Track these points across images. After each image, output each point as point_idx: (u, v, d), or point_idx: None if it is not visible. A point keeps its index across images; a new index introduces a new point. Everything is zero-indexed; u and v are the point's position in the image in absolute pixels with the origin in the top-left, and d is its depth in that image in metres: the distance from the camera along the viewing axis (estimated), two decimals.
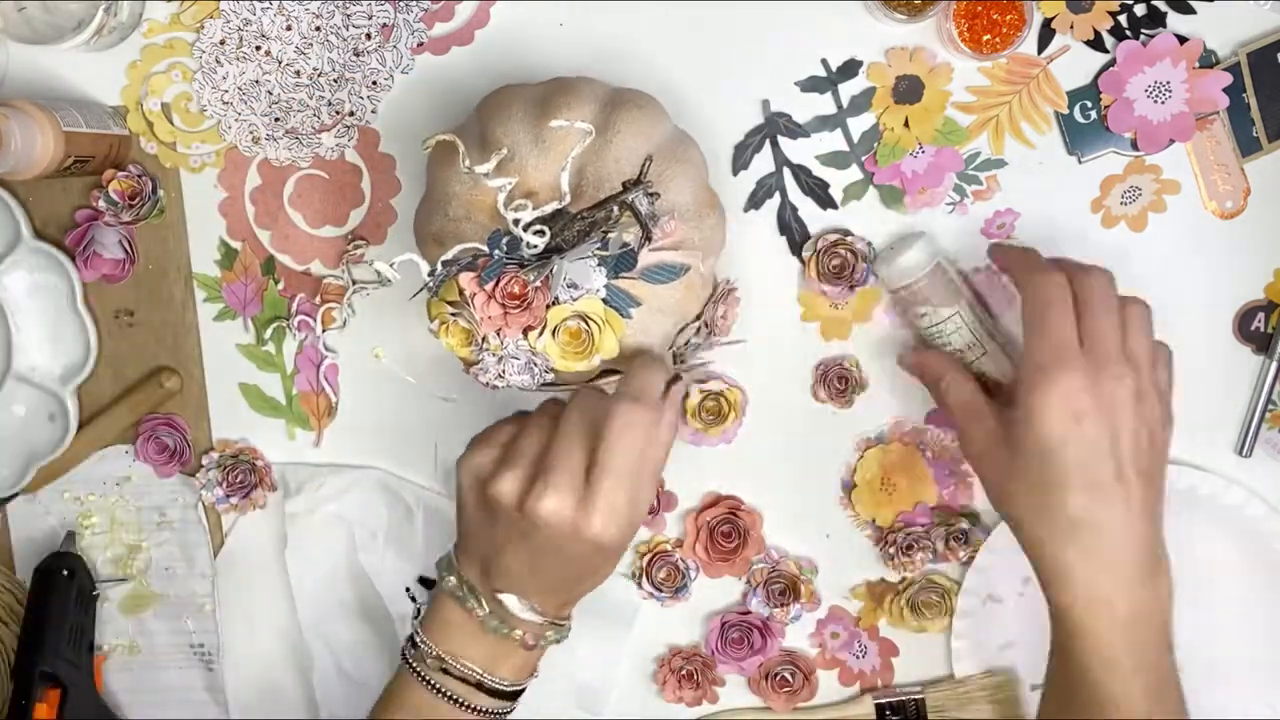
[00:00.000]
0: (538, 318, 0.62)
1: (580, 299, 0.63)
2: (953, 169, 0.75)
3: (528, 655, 0.65)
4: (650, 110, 0.66)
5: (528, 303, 0.62)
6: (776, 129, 0.75)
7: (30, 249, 0.75)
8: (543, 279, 0.62)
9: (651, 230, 0.63)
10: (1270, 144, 0.75)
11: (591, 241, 0.63)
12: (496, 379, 0.65)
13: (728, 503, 0.79)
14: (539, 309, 0.62)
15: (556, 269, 0.62)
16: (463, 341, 0.65)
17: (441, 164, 0.66)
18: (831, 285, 0.75)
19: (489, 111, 0.66)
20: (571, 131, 0.63)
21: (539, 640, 0.65)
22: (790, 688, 0.80)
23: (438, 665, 0.65)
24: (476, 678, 0.64)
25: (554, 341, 0.63)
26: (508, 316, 0.62)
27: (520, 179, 0.64)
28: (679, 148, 0.67)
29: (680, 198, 0.65)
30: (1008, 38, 0.72)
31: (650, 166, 0.64)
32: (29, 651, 0.76)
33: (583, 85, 0.66)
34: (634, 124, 0.65)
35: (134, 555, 0.81)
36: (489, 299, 0.62)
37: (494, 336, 0.63)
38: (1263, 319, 0.77)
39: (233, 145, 0.76)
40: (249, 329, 0.79)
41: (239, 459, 0.79)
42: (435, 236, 0.66)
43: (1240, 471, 0.78)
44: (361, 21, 0.74)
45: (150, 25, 0.75)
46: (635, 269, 0.63)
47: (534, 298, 0.62)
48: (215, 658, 0.82)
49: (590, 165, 0.64)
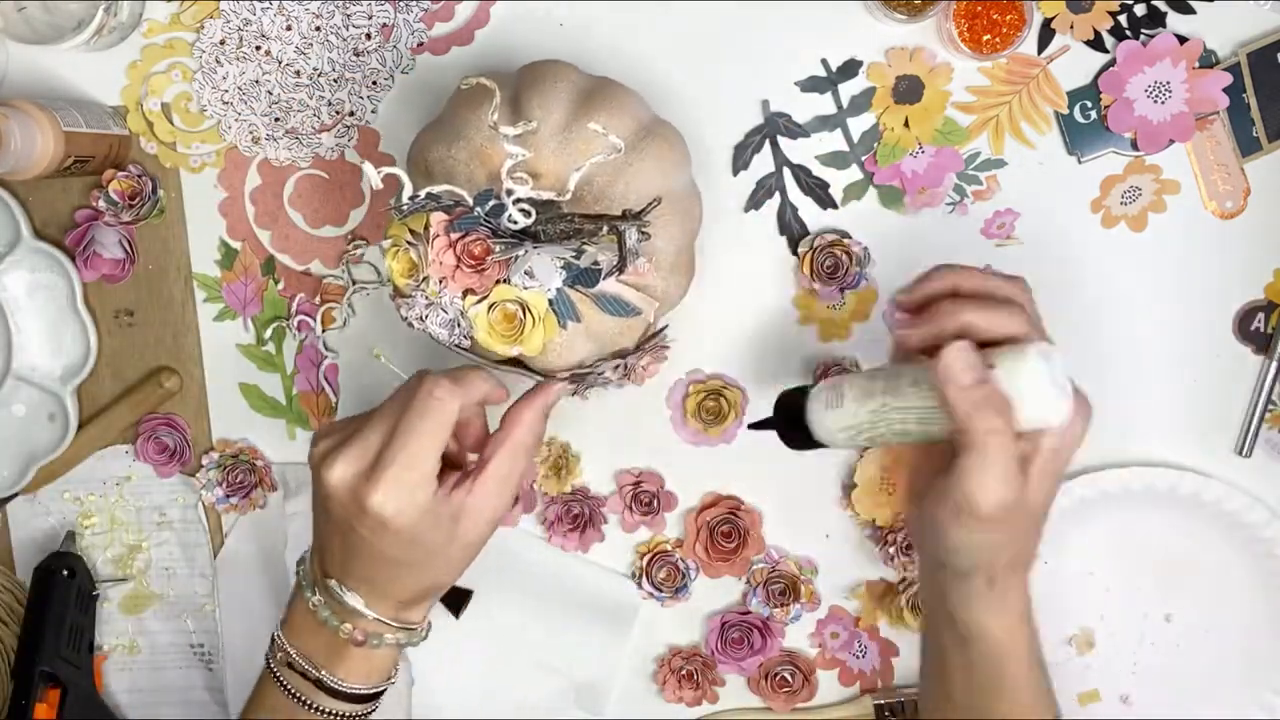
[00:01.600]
0: (484, 287, 0.63)
1: (530, 290, 0.63)
2: (953, 169, 0.75)
3: (366, 655, 0.62)
4: (678, 151, 0.66)
5: (482, 268, 0.62)
6: (776, 129, 0.75)
7: (30, 249, 0.75)
8: (507, 257, 0.62)
9: (626, 264, 0.63)
10: (1270, 144, 0.75)
11: (568, 245, 0.63)
12: (417, 320, 0.65)
13: (728, 503, 0.79)
14: (489, 279, 0.62)
15: (523, 253, 0.62)
16: (405, 272, 0.64)
17: (468, 103, 0.65)
18: (823, 284, 0.75)
19: (531, 80, 0.65)
20: (602, 140, 0.63)
21: (369, 638, 0.61)
22: (790, 688, 0.80)
23: (284, 660, 0.62)
24: (315, 675, 0.62)
25: (486, 316, 0.63)
26: (458, 272, 0.62)
27: (533, 156, 0.63)
28: (687, 200, 0.67)
29: (666, 246, 0.66)
30: (1008, 38, 0.72)
31: (655, 208, 0.64)
32: (29, 651, 0.76)
33: (630, 100, 0.65)
34: (659, 159, 0.64)
35: (134, 555, 0.81)
36: (449, 247, 0.62)
37: (435, 282, 0.63)
38: (1263, 319, 0.77)
39: (233, 145, 0.76)
40: (249, 329, 0.79)
41: (239, 459, 0.79)
42: (428, 166, 0.66)
43: (1240, 472, 0.78)
44: (361, 21, 0.74)
45: (150, 25, 0.75)
46: (593, 289, 0.64)
47: (490, 267, 0.62)
48: (215, 658, 0.82)
49: (601, 177, 0.64)
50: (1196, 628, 0.81)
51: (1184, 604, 0.81)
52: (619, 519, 0.79)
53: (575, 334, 0.65)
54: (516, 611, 0.80)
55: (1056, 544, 0.79)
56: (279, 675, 0.63)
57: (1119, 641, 0.81)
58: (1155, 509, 0.78)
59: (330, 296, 0.78)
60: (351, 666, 0.62)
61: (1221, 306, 0.77)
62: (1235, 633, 0.81)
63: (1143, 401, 0.77)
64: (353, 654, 0.62)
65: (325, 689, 0.62)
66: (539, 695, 0.81)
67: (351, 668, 0.62)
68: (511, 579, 0.80)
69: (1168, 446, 0.78)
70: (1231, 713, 0.81)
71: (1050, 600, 0.80)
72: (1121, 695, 0.82)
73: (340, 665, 0.62)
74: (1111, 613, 0.81)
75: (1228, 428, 0.78)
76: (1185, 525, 0.79)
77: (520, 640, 0.81)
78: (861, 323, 0.77)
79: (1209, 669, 0.81)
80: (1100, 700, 0.82)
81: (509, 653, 0.81)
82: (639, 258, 0.64)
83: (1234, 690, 0.81)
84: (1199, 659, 0.81)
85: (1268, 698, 0.81)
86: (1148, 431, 0.78)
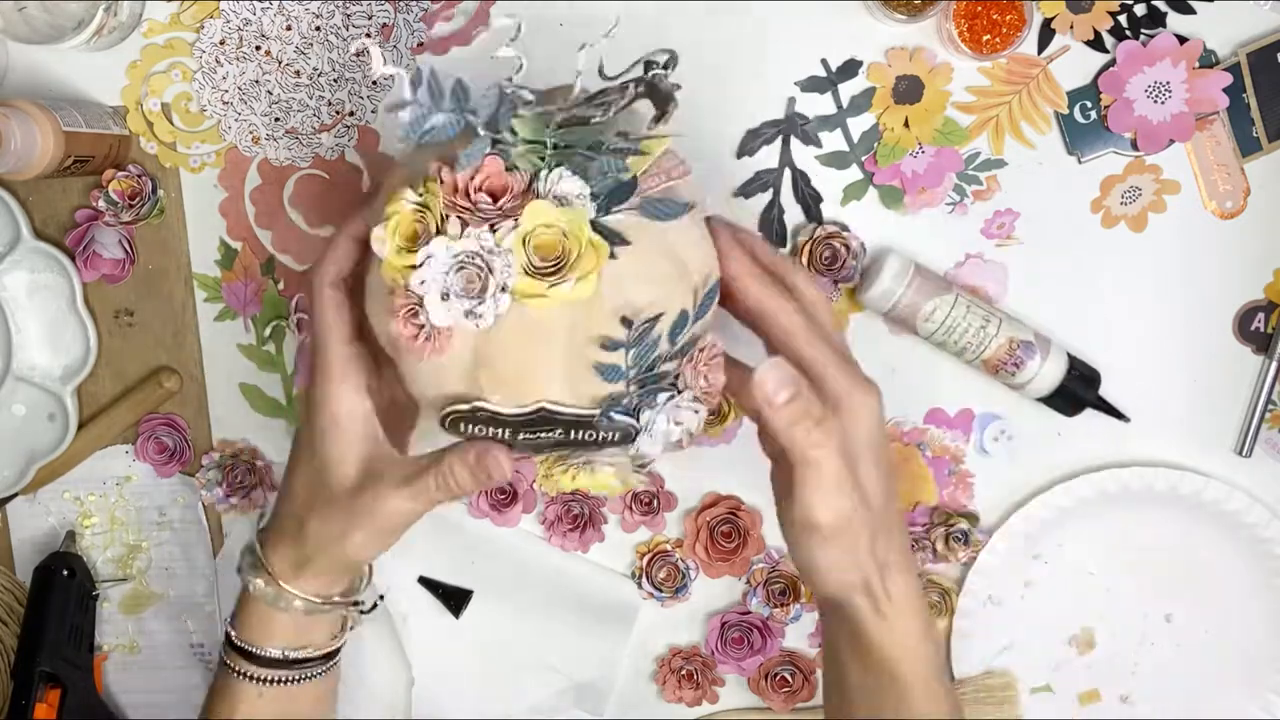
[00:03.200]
0: (513, 210, 0.51)
1: (565, 210, 0.51)
2: (953, 169, 0.75)
3: (270, 616, 0.62)
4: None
5: (511, 194, 0.51)
6: (794, 129, 0.75)
7: (30, 249, 0.75)
8: (528, 178, 0.51)
9: (668, 113, 0.53)
10: (1270, 144, 0.75)
11: (596, 126, 0.52)
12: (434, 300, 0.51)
13: (728, 503, 0.79)
14: (518, 206, 0.51)
15: (547, 169, 0.51)
16: (408, 236, 0.52)
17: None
18: (819, 276, 0.75)
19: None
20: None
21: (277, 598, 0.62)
22: (790, 688, 0.80)
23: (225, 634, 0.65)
24: (233, 639, 0.63)
25: (523, 248, 0.50)
26: (479, 208, 0.51)
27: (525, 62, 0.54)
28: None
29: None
30: (1008, 38, 0.72)
31: (674, 62, 0.54)
32: (29, 651, 0.76)
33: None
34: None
35: (134, 555, 0.81)
36: (461, 190, 0.51)
37: (456, 224, 0.51)
38: (1263, 319, 0.77)
39: (233, 145, 0.76)
40: (249, 329, 0.79)
41: (239, 459, 0.79)
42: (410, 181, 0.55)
43: (1240, 472, 0.78)
44: (361, 21, 0.74)
45: (150, 25, 0.75)
46: (633, 199, 0.52)
47: (515, 188, 0.51)
48: (215, 658, 0.81)
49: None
50: (1196, 628, 0.81)
51: (1184, 604, 0.81)
52: (619, 519, 0.79)
53: (626, 269, 0.52)
54: (516, 611, 0.80)
55: (1056, 544, 0.79)
56: (221, 648, 0.65)
57: (1119, 641, 0.81)
58: (1155, 509, 0.78)
59: None
60: (257, 627, 0.63)
61: (1221, 306, 0.77)
62: (1235, 633, 0.81)
63: (1143, 401, 0.77)
64: (264, 615, 0.62)
65: (241, 653, 0.63)
66: (539, 695, 0.81)
67: (257, 628, 0.63)
68: (512, 579, 0.80)
69: (1168, 446, 0.78)
70: (1231, 713, 0.81)
71: (1050, 600, 0.80)
72: (1121, 695, 0.82)
73: (252, 628, 0.63)
74: (1111, 613, 0.81)
75: (1228, 428, 0.78)
76: (1185, 525, 0.79)
77: (520, 640, 0.81)
78: (857, 313, 0.77)
79: (1209, 669, 0.81)
80: (1100, 700, 0.82)
81: (509, 653, 0.81)
82: (675, 105, 0.54)
83: (1234, 690, 0.81)
84: (1199, 659, 0.81)
85: (1268, 698, 0.81)
86: (1148, 431, 0.78)
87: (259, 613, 0.63)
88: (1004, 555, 0.79)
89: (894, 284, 0.73)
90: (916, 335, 0.75)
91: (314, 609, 0.62)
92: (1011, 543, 0.78)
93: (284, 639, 0.63)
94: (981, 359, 0.74)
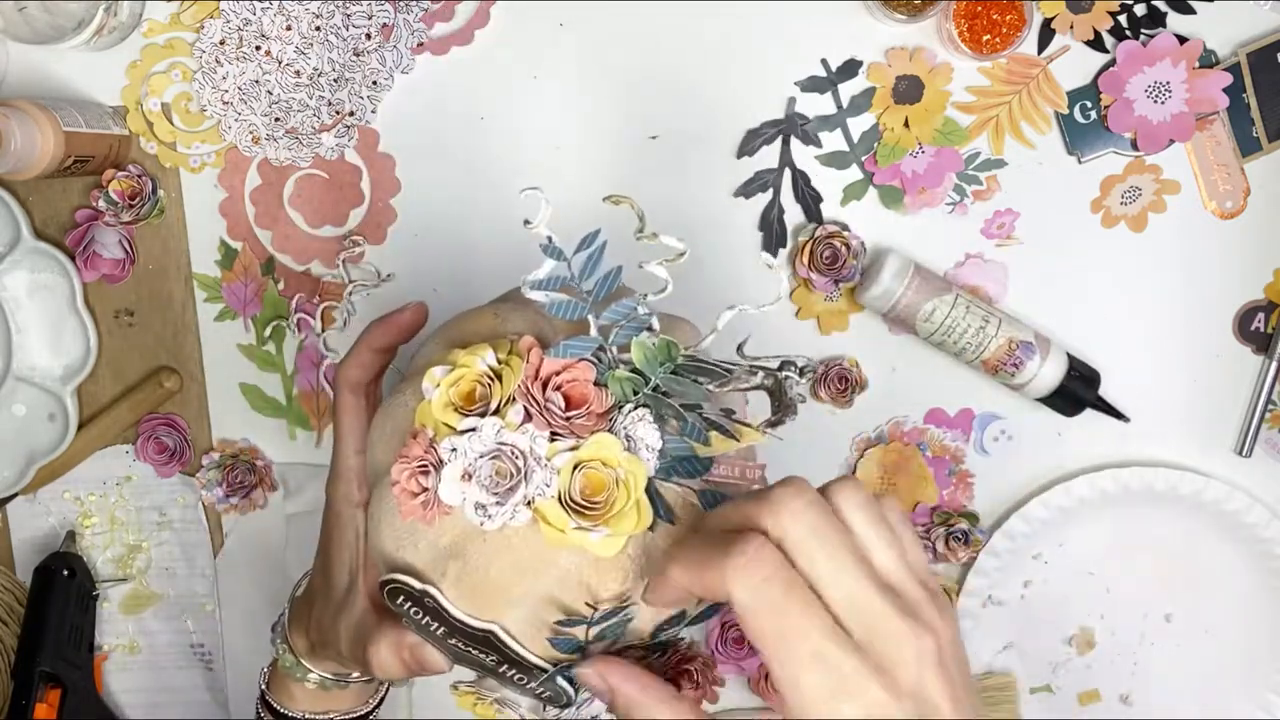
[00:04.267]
0: (582, 430, 0.46)
1: (630, 458, 0.45)
2: (953, 169, 0.75)
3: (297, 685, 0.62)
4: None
5: (586, 411, 0.46)
6: (794, 129, 0.75)
7: (30, 249, 0.75)
8: (609, 403, 0.46)
9: (785, 419, 0.47)
10: (1270, 144, 0.75)
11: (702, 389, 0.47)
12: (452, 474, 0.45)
13: None
14: (583, 427, 0.46)
15: (634, 405, 0.46)
16: (464, 396, 0.47)
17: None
18: (820, 275, 0.75)
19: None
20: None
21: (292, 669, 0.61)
22: None
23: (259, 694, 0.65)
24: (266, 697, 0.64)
25: (570, 475, 0.45)
26: (548, 409, 0.46)
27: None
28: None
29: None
30: (1008, 38, 0.72)
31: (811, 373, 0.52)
32: (29, 651, 0.76)
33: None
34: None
35: (134, 555, 0.81)
36: (541, 380, 0.46)
37: (518, 413, 0.46)
38: (1263, 319, 0.77)
39: (233, 145, 0.76)
40: (249, 329, 0.79)
41: (239, 459, 0.79)
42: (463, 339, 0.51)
43: (1240, 472, 0.78)
44: (361, 21, 0.74)
45: (150, 25, 0.75)
46: (697, 480, 0.47)
47: (594, 406, 0.46)
48: (215, 658, 0.82)
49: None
50: (1196, 628, 0.81)
51: (1184, 604, 0.81)
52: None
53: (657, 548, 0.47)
54: None
55: (1057, 544, 0.79)
56: (257, 706, 0.65)
57: (1119, 641, 0.81)
58: (1155, 509, 0.78)
59: (330, 296, 0.78)
60: (282, 690, 0.63)
61: (1221, 306, 0.77)
62: (1235, 633, 0.81)
63: (1143, 401, 0.77)
64: (286, 681, 0.62)
65: (270, 709, 0.63)
66: None
67: (282, 691, 0.63)
68: None
69: (1168, 446, 0.78)
70: (1231, 713, 0.81)
71: (1050, 600, 0.80)
72: (1121, 695, 0.82)
73: (278, 688, 0.63)
74: (1111, 613, 0.81)
75: (1228, 428, 0.78)
76: (1185, 525, 0.79)
77: None
78: (857, 313, 0.77)
79: (1209, 669, 0.81)
80: (1100, 700, 0.82)
81: None
82: (795, 415, 0.48)
83: (1234, 690, 0.82)
84: (1199, 659, 0.81)
85: (1268, 698, 0.81)
86: (1148, 431, 0.78)
87: (282, 677, 0.63)
88: (1004, 555, 0.79)
89: (894, 284, 0.73)
90: (916, 335, 0.75)
91: (332, 685, 0.61)
92: (1011, 543, 0.79)
93: (307, 705, 0.63)
94: (981, 359, 0.74)
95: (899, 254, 0.74)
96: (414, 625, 0.49)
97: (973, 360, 0.74)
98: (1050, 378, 0.74)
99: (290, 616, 0.62)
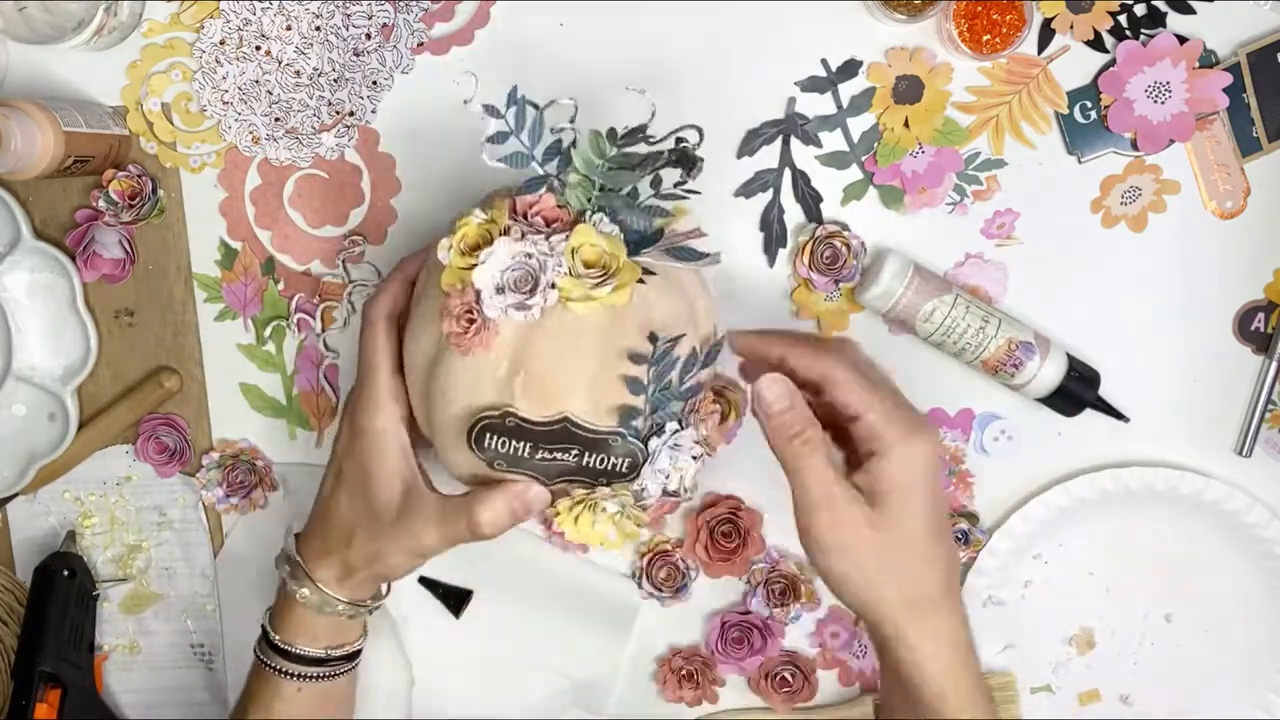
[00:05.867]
0: (564, 223, 0.59)
1: (607, 235, 0.59)
2: (953, 169, 0.75)
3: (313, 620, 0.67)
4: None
5: (561, 223, 0.59)
6: (794, 129, 0.75)
7: (30, 249, 0.75)
8: (575, 214, 0.60)
9: (695, 169, 0.60)
10: (1270, 144, 0.75)
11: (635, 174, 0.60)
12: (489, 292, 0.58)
13: (728, 503, 0.79)
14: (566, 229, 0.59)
15: (593, 210, 0.59)
16: (472, 244, 0.59)
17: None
18: (820, 275, 0.75)
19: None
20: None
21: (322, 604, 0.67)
22: (790, 688, 0.80)
23: (261, 635, 0.70)
24: (272, 638, 0.68)
25: (571, 257, 0.58)
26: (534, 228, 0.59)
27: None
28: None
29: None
30: (1008, 38, 0.72)
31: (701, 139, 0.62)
32: (29, 651, 0.76)
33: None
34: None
35: (134, 555, 0.81)
36: (522, 211, 0.60)
37: (517, 232, 0.58)
38: (1263, 319, 0.77)
39: (233, 145, 0.76)
40: (249, 329, 0.79)
41: (239, 459, 0.79)
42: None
43: (1240, 472, 0.78)
44: (361, 21, 0.74)
45: (150, 25, 0.75)
46: (658, 245, 0.60)
47: (565, 218, 0.60)
48: (215, 658, 0.82)
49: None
50: (1196, 628, 0.81)
51: (1184, 604, 0.81)
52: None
53: (652, 294, 0.60)
54: (516, 611, 0.80)
55: (1057, 544, 0.80)
56: (257, 649, 0.69)
57: (1119, 641, 0.81)
58: (1155, 509, 0.78)
59: (330, 296, 0.78)
60: (299, 629, 0.67)
61: (1221, 306, 0.77)
62: (1235, 633, 0.81)
63: (1142, 401, 0.77)
64: (306, 619, 0.67)
65: (282, 653, 0.68)
66: (539, 695, 0.81)
67: (299, 630, 0.67)
68: (511, 579, 0.80)
69: (1168, 446, 0.78)
70: (1231, 713, 0.81)
71: (1050, 600, 0.80)
72: (1121, 695, 0.82)
73: (293, 630, 0.68)
74: (1111, 613, 0.81)
75: (1228, 428, 0.78)
76: (1185, 525, 0.79)
77: (520, 640, 0.81)
78: (857, 313, 0.77)
79: (1209, 669, 0.81)
80: (1100, 700, 0.82)
81: (509, 653, 0.81)
82: (700, 169, 0.61)
83: (1234, 690, 0.82)
84: (1199, 659, 0.81)
85: (1268, 698, 0.81)
86: (1148, 431, 0.78)
87: (301, 616, 0.67)
88: (1004, 555, 0.79)
89: (894, 284, 0.73)
90: (916, 335, 0.75)
91: (356, 613, 0.68)
92: (1011, 543, 0.79)
93: (327, 639, 0.68)
94: (981, 359, 0.74)
95: (899, 254, 0.74)
96: (505, 460, 0.60)
97: (972, 360, 0.74)
98: (1050, 378, 0.74)
99: (310, 554, 0.67)
